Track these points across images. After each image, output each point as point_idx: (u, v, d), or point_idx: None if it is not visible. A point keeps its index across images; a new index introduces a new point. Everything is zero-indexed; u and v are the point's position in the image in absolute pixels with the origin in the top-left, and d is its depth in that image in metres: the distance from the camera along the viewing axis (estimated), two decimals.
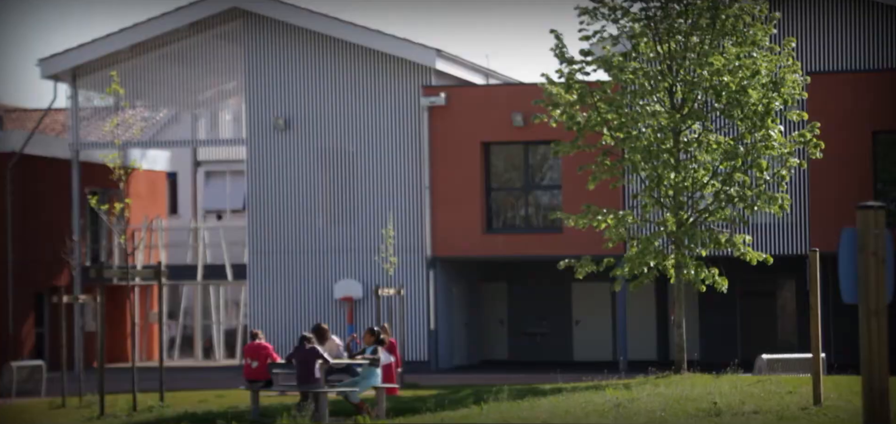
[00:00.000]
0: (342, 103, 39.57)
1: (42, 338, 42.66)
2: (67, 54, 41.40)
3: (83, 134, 42.07)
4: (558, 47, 29.04)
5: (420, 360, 38.36)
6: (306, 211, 39.75)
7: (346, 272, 39.43)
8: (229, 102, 44.90)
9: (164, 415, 25.27)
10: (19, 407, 30.32)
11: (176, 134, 46.41)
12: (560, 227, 36.84)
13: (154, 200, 47.69)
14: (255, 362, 25.49)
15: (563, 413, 21.00)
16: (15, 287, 41.32)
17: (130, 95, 40.26)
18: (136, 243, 41.41)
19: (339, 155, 39.59)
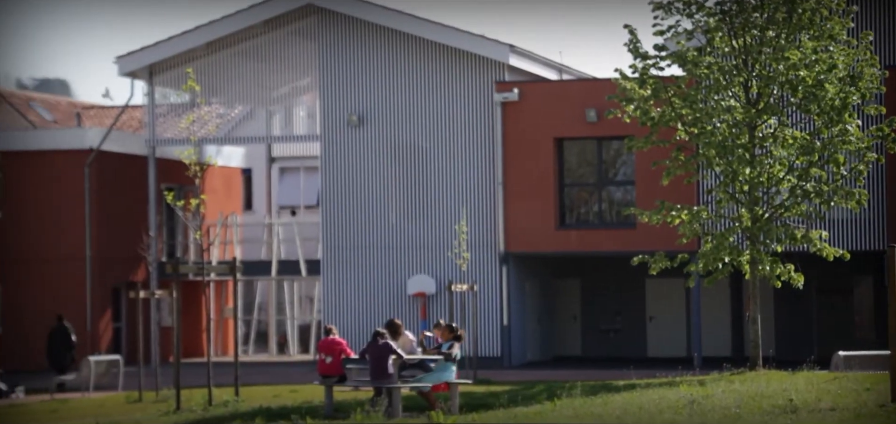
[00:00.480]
0: (415, 99, 39.64)
1: (119, 333, 43.11)
2: (144, 52, 41.78)
3: (159, 131, 42.45)
4: (632, 42, 28.90)
5: (493, 356, 38.34)
6: (379, 207, 39.86)
7: (420, 267, 39.49)
8: (303, 98, 45.11)
9: (239, 410, 25.44)
10: (97, 401, 30.66)
11: (251, 130, 46.70)
12: (633, 223, 36.69)
13: (229, 196, 48.03)
14: (329, 357, 25.60)
15: (636, 409, 20.91)
16: (93, 283, 41.79)
17: (206, 92, 40.57)
18: (212, 238, 41.75)
19: (413, 151, 39.65)
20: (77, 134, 43.83)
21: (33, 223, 41.90)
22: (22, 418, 26.67)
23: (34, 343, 41.04)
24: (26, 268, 41.80)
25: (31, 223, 41.90)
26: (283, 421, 22.48)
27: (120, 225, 42.33)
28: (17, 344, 41.44)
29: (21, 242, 41.86)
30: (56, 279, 41.69)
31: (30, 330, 41.44)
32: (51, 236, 41.86)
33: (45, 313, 41.04)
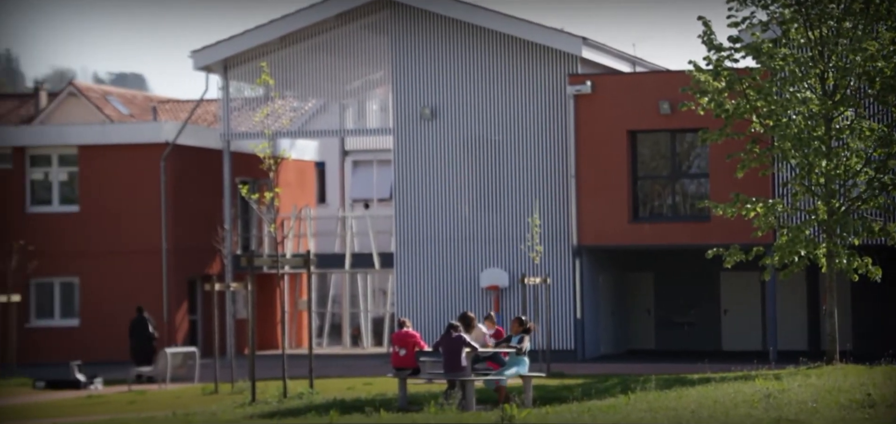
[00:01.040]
0: (488, 92, 39.63)
1: (195, 325, 43.47)
2: (219, 46, 42.08)
3: (234, 124, 42.75)
4: (707, 34, 28.74)
5: (566, 349, 38.28)
6: (452, 200, 39.90)
7: (492, 260, 39.49)
8: (376, 91, 45.23)
9: (314, 402, 25.58)
10: (173, 393, 30.94)
11: (324, 124, 46.91)
12: (708, 215, 36.47)
13: (303, 189, 48.29)
14: (403, 350, 25.66)
15: (711, 403, 20.81)
16: (169, 275, 42.17)
17: (280, 86, 40.80)
18: (286, 231, 41.98)
19: (485, 144, 39.65)
20: (153, 128, 44.24)
21: (110, 217, 42.35)
22: (100, 409, 26.98)
23: (111, 336, 41.51)
24: (103, 261, 42.26)
25: (107, 217, 42.36)
26: (357, 414, 22.58)
27: (195, 218, 42.68)
28: (95, 336, 41.91)
29: (98, 235, 42.32)
30: (132, 272, 42.11)
31: (107, 323, 41.89)
32: (127, 229, 42.28)
33: (122, 305, 41.48)
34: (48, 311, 42.92)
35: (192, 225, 42.58)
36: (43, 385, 33.47)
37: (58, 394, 31.90)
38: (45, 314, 42.89)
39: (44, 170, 43.19)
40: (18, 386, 33.70)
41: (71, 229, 42.39)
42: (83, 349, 40.75)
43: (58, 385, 33.33)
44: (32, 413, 26.06)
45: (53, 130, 45.81)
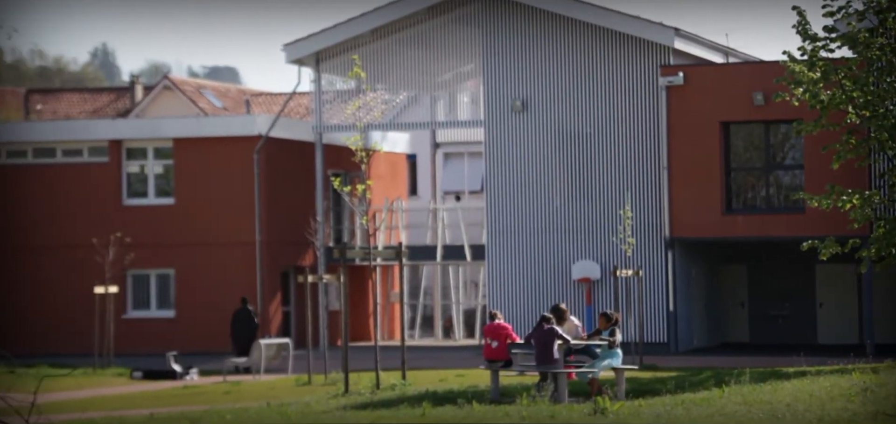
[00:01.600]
0: (579, 84, 39.51)
1: (288, 317, 43.82)
2: (311, 39, 42.35)
3: (326, 117, 43.01)
4: (801, 24, 28.42)
5: (659, 342, 38.09)
6: (544, 192, 39.84)
7: (584, 252, 39.39)
8: (467, 84, 45.27)
9: (406, 394, 25.68)
10: (267, 384, 31.20)
11: (415, 116, 47.04)
12: (802, 207, 36.09)
13: (394, 181, 48.47)
14: (495, 342, 25.69)
15: (807, 396, 20.63)
16: (262, 267, 42.54)
17: (371, 79, 40.96)
18: (378, 224, 42.14)
19: (576, 136, 39.54)
20: (246, 121, 44.63)
21: (204, 209, 42.80)
22: (196, 399, 27.29)
23: (207, 327, 41.96)
24: (198, 253, 42.72)
25: (202, 209, 42.81)
26: (449, 406, 22.64)
27: (288, 211, 43.01)
28: (191, 327, 42.40)
29: (192, 227, 42.79)
30: (227, 264, 42.53)
31: (202, 314, 42.36)
32: (221, 221, 42.70)
33: (217, 297, 41.92)
34: (144, 302, 43.48)
35: (285, 217, 42.92)
36: (140, 375, 33.90)
37: (154, 384, 32.30)
38: (142, 306, 43.45)
39: (140, 163, 43.75)
40: (116, 376, 34.18)
41: (166, 222, 42.89)
42: (179, 339, 41.25)
43: (154, 376, 33.75)
44: (130, 404, 26.42)
45: (149, 124, 46.39)
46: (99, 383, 32.57)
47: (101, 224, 41.28)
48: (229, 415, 21.93)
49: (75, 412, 22.94)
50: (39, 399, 18.07)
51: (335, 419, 21.02)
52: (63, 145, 43.75)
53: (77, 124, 46.71)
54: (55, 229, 43.18)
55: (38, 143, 43.89)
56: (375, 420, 20.57)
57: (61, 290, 42.81)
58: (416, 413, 21.44)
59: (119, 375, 34.34)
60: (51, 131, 44.57)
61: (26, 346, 40.43)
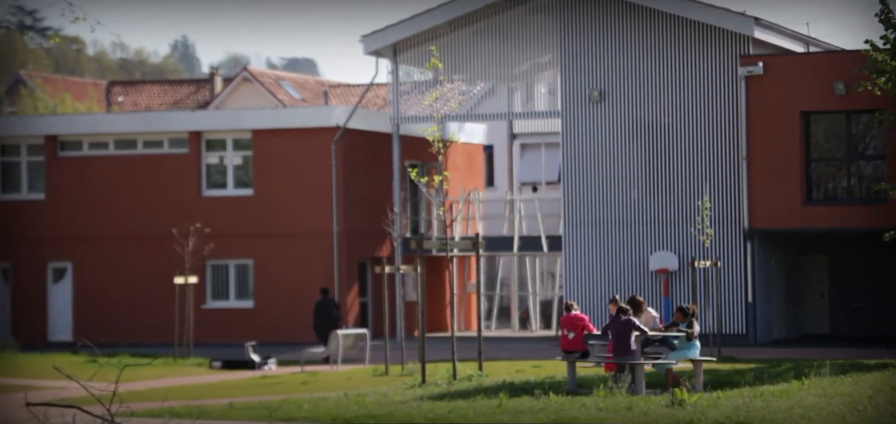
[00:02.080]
0: (657, 74, 39.29)
1: (365, 307, 43.98)
2: (388, 30, 42.44)
3: (403, 108, 43.10)
4: (884, 13, 28.09)
5: (737, 333, 37.82)
6: (621, 183, 39.67)
7: (662, 243, 39.19)
8: (545, 74, 45.18)
9: (483, 384, 25.69)
10: (345, 374, 31.35)
11: (492, 107, 47.01)
12: (884, 198, 35.66)
13: (471, 172, 48.48)
14: (572, 333, 25.64)
15: (889, 389, 20.40)
16: (340, 258, 42.72)
17: (448, 70, 40.98)
18: (455, 214, 42.18)
19: (654, 126, 39.34)
20: (324, 112, 44.82)
21: (283, 200, 43.05)
22: (274, 389, 27.47)
23: (284, 317, 42.23)
24: (276, 243, 42.99)
25: (280, 200, 43.06)
26: (526, 397, 22.62)
27: (365, 201, 43.16)
28: (269, 318, 42.67)
29: (271, 217, 43.06)
30: (305, 255, 42.76)
31: (280, 304, 42.62)
32: (299, 212, 42.94)
33: (295, 288, 42.17)
34: (223, 292, 43.83)
35: (363, 208, 43.07)
36: (219, 365, 34.18)
37: (233, 374, 32.55)
38: (221, 296, 43.80)
39: (219, 154, 44.09)
40: (195, 366, 34.48)
41: (245, 212, 43.19)
42: (257, 330, 41.54)
43: (233, 366, 34.01)
44: (209, 393, 26.65)
45: (228, 115, 46.74)
46: (179, 372, 32.89)
47: (180, 215, 41.65)
48: (307, 405, 22.05)
49: (156, 401, 23.18)
50: (120, 388, 18.28)
51: (412, 409, 21.07)
52: (144, 137, 44.19)
53: (157, 116, 47.18)
54: (136, 220, 43.63)
55: (119, 134, 44.37)
56: (452, 410, 20.60)
57: (142, 280, 43.26)
58: (492, 404, 21.45)
59: (198, 365, 34.63)
60: (132, 123, 45.04)
61: (107, 335, 40.88)
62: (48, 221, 44.12)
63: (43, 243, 44.18)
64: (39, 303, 44.30)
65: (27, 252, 44.27)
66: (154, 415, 19.92)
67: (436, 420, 19.56)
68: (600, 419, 19.24)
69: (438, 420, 19.60)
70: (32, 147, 44.80)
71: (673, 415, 19.23)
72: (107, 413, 17.19)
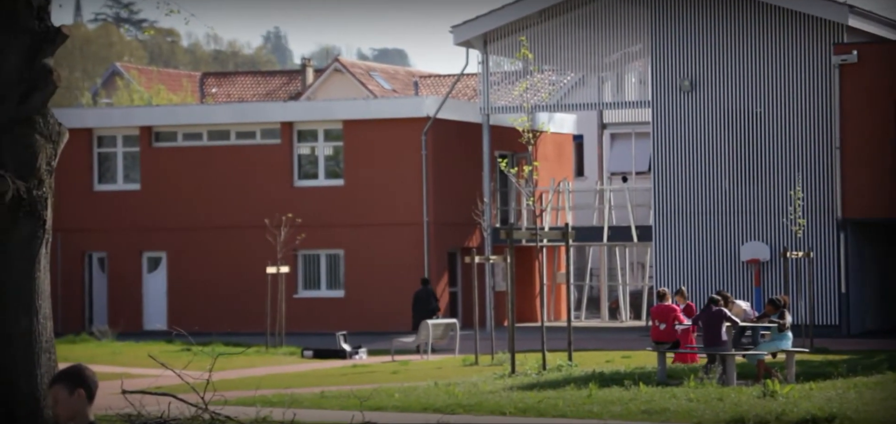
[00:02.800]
0: (749, 63, 38.99)
1: (455, 297, 44.10)
2: (478, 21, 42.50)
3: (493, 98, 43.14)
4: None
5: (830, 324, 37.45)
6: (712, 172, 39.43)
7: (753, 233, 38.91)
8: (635, 64, 45.01)
9: (573, 375, 25.70)
10: (434, 364, 31.47)
11: (582, 97, 46.94)
12: None
13: (561, 162, 48.42)
14: (663, 323, 25.56)
15: None
16: (430, 248, 42.88)
17: (538, 60, 40.97)
18: (544, 204, 42.17)
19: (746, 115, 39.05)
20: (414, 103, 44.99)
21: (373, 190, 43.28)
22: (365, 379, 27.66)
23: (375, 307, 42.46)
24: (367, 233, 43.24)
25: (370, 190, 43.30)
26: (616, 387, 22.60)
27: (455, 191, 43.28)
28: (360, 307, 42.94)
29: (361, 208, 43.31)
30: (395, 245, 42.97)
31: (370, 294, 42.87)
32: (390, 202, 43.15)
33: (385, 277, 42.40)
34: (315, 282, 44.18)
35: (452, 198, 43.19)
36: (310, 354, 34.45)
37: (324, 363, 32.81)
38: (312, 285, 44.15)
39: (310, 145, 44.42)
40: (287, 355, 34.79)
41: (336, 203, 43.49)
42: (348, 319, 41.82)
43: (324, 355, 34.27)
44: (300, 382, 26.90)
45: (319, 106, 47.08)
46: (271, 361, 33.20)
47: (272, 205, 42.03)
48: (397, 394, 22.20)
49: (248, 390, 23.45)
50: (213, 377, 18.54)
51: (502, 399, 21.14)
52: (236, 128, 44.65)
53: (250, 107, 47.64)
54: (228, 210, 44.10)
55: (212, 125, 44.86)
56: (541, 400, 20.64)
57: (234, 270, 43.72)
58: (582, 395, 21.46)
59: (290, 354, 34.93)
60: (225, 114, 45.52)
61: (201, 324, 41.39)
62: (143, 211, 44.74)
63: (138, 232, 44.81)
64: (135, 292, 44.96)
65: (123, 242, 44.93)
66: (247, 404, 20.16)
67: (525, 410, 19.62)
68: (691, 410, 19.19)
69: (528, 410, 19.66)
70: (128, 138, 45.44)
71: (764, 406, 19.13)
72: (201, 402, 17.45)
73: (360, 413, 18.16)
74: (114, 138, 45.64)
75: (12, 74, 13.81)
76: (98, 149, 45.66)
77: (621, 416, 18.72)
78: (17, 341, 13.74)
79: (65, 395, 7.85)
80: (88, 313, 45.23)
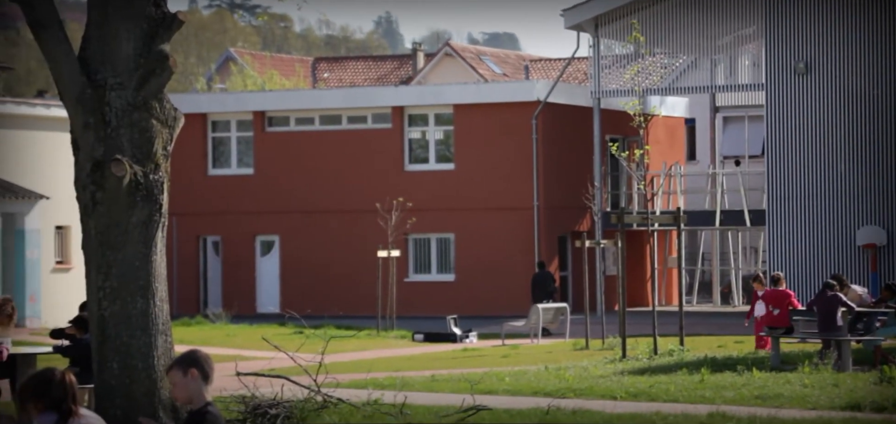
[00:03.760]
0: (865, 44, 38.36)
1: (565, 281, 44.03)
2: (590, 4, 42.33)
3: (604, 82, 42.96)
4: None
5: None
6: (827, 156, 38.89)
7: (869, 218, 38.31)
8: (748, 46, 44.53)
9: (684, 359, 25.53)
10: (545, 348, 31.47)
11: (694, 80, 46.56)
12: None
13: (672, 146, 48.08)
14: (776, 308, 25.30)
15: None
16: (540, 232, 42.84)
17: (650, 43, 40.70)
18: (655, 188, 41.91)
19: (862, 97, 38.43)
20: (525, 87, 44.94)
21: (483, 174, 43.33)
22: (475, 362, 27.74)
23: (485, 291, 42.52)
24: (477, 217, 43.29)
25: (481, 174, 43.35)
26: (728, 372, 22.42)
27: (565, 175, 43.18)
28: (470, 291, 43.04)
29: (472, 192, 43.38)
30: (505, 229, 42.98)
31: (481, 278, 42.92)
32: (500, 186, 43.17)
33: (496, 261, 42.43)
34: (425, 266, 44.35)
35: (563, 182, 43.10)
36: (421, 337, 34.60)
37: (435, 347, 32.94)
38: (423, 269, 44.33)
39: (421, 129, 44.58)
40: (398, 339, 34.98)
41: (446, 187, 43.61)
42: (458, 303, 41.93)
43: (435, 338, 34.40)
44: (411, 365, 27.03)
45: (430, 90, 47.21)
46: (382, 344, 33.40)
47: (383, 189, 42.26)
48: (508, 378, 22.22)
49: (360, 372, 23.62)
50: (326, 360, 18.70)
51: (613, 383, 21.08)
52: (348, 112, 44.94)
53: (361, 92, 47.93)
54: (340, 194, 44.43)
55: (324, 110, 45.21)
56: (653, 385, 20.55)
57: (346, 253, 44.05)
58: (693, 380, 21.32)
59: (401, 337, 35.11)
60: (337, 99, 45.84)
61: (313, 307, 41.77)
62: (256, 195, 45.23)
63: (251, 216, 45.32)
64: (248, 275, 45.49)
65: (237, 226, 45.47)
66: (358, 387, 20.32)
67: (636, 395, 19.54)
68: (805, 395, 18.98)
69: (639, 394, 19.58)
70: (241, 123, 45.95)
71: (881, 393, 18.86)
72: (313, 384, 17.63)
73: (471, 396, 18.21)
74: (227, 123, 46.18)
75: (129, 60, 14.04)
76: (212, 134, 46.23)
77: (734, 401, 18.57)
78: (135, 322, 13.99)
79: (181, 378, 8.01)
80: (203, 295, 45.85)
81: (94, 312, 14.14)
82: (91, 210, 14.05)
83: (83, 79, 13.97)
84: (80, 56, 14.10)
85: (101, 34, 14.07)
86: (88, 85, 13.96)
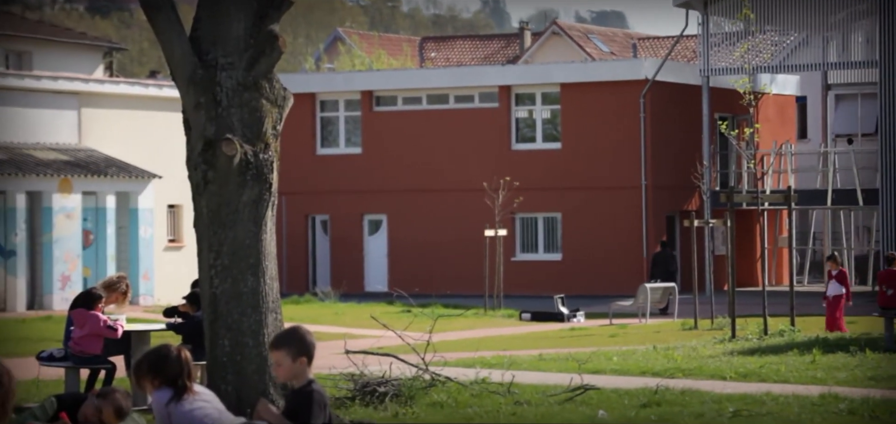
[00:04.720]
0: None
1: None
2: None
3: (713, 60, 42.55)
4: None
5: None
6: None
7: None
8: (862, 22, 43.81)
9: (795, 340, 25.24)
10: (653, 327, 31.32)
11: (805, 58, 45.92)
12: None
13: (783, 124, 47.50)
14: (891, 289, 24.91)
15: None
16: (648, 211, 42.59)
17: (760, 21, 40.21)
18: (766, 167, 41.46)
19: None
20: (633, 65, 44.67)
21: (590, 153, 43.17)
22: (582, 342, 27.68)
23: (592, 270, 42.39)
24: (584, 197, 43.16)
25: (588, 153, 43.19)
26: (840, 353, 22.11)
27: (673, 154, 42.86)
28: (577, 271, 42.93)
29: (579, 171, 43.25)
30: (612, 208, 42.80)
31: (588, 257, 42.80)
32: (607, 165, 42.98)
33: (603, 241, 42.27)
34: (532, 245, 44.31)
35: (671, 161, 42.79)
36: (528, 316, 34.61)
37: (542, 326, 32.93)
38: (530, 248, 44.29)
39: (528, 108, 44.51)
40: (505, 318, 35.01)
41: (553, 166, 43.51)
42: (565, 282, 41.84)
43: (542, 317, 34.39)
44: (519, 344, 27.05)
45: (537, 70, 47.12)
46: (489, 323, 33.45)
47: (490, 168, 42.28)
48: (615, 358, 22.14)
49: (467, 351, 23.67)
50: (433, 338, 18.76)
51: (722, 364, 20.90)
52: (455, 92, 45.00)
53: (468, 71, 47.95)
54: (447, 174, 44.52)
55: (431, 89, 45.31)
56: (763, 365, 20.34)
57: (453, 232, 44.14)
58: (805, 361, 21.07)
59: (508, 316, 35.14)
60: (444, 78, 45.91)
61: (420, 286, 41.92)
62: (364, 174, 45.48)
63: (359, 195, 45.59)
64: (356, 254, 45.77)
65: (345, 204, 45.77)
66: (466, 365, 20.36)
67: (746, 375, 19.36)
68: None
69: (749, 375, 19.40)
70: (349, 102, 46.22)
71: None
72: (421, 362, 17.69)
73: (579, 375, 18.17)
74: (336, 103, 46.47)
75: (240, 40, 14.17)
76: (321, 113, 46.55)
77: (847, 383, 18.32)
78: (246, 300, 14.13)
79: (290, 363, 8.04)
80: (312, 274, 46.24)
81: (205, 290, 14.31)
82: (202, 189, 14.20)
83: (194, 59, 14.12)
84: (192, 36, 14.25)
85: (213, 15, 14.21)
86: (200, 65, 14.11)
